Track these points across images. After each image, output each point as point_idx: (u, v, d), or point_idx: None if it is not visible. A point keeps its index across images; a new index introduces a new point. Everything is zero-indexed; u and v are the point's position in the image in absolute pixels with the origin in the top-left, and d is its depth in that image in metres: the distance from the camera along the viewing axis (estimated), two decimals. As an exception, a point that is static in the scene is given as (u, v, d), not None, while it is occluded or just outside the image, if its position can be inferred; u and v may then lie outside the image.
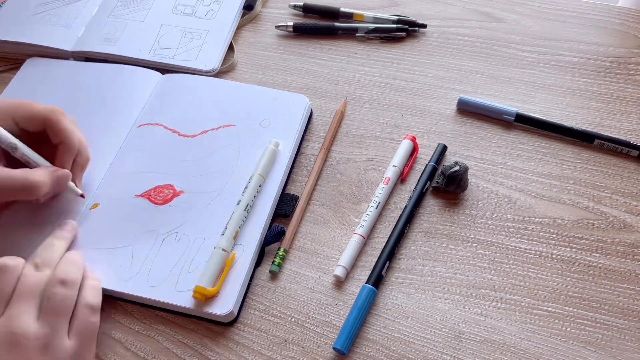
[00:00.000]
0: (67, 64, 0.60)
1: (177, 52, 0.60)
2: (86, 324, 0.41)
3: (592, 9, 0.64)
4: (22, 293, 0.39)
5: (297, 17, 0.66)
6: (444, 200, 0.50)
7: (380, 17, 0.63)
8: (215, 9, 0.64)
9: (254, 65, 0.61)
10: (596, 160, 0.52)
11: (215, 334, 0.44)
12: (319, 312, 0.45)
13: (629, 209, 0.49)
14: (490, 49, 0.61)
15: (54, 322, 0.39)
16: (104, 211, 0.49)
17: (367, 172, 0.52)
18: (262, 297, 0.46)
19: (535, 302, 0.44)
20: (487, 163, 0.52)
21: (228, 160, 0.51)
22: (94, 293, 0.43)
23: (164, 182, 0.50)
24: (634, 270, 0.46)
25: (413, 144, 0.53)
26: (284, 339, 0.44)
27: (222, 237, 0.46)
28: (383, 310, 0.44)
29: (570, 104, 0.56)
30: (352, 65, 0.60)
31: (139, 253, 0.46)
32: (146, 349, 0.43)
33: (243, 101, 0.55)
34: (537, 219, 0.49)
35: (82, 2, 0.65)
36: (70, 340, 0.40)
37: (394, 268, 0.47)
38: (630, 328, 0.43)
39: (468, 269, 0.46)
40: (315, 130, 0.56)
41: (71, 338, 0.40)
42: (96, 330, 0.42)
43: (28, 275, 0.40)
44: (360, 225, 0.48)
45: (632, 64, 0.59)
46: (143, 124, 0.55)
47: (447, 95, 0.57)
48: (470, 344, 0.43)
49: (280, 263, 0.47)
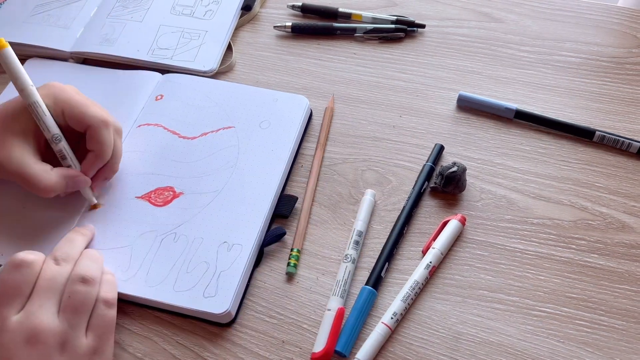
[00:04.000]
0: (67, 65, 0.60)
1: (175, 53, 0.60)
2: (103, 319, 0.41)
3: (591, 9, 0.64)
4: (42, 288, 0.40)
5: (296, 18, 0.66)
6: (442, 201, 0.50)
7: (379, 18, 0.63)
8: (213, 10, 0.64)
9: (253, 66, 0.61)
10: (595, 161, 0.52)
11: (213, 335, 0.44)
12: (317, 313, 0.45)
13: (628, 210, 0.49)
14: (488, 49, 0.61)
15: (73, 319, 0.39)
16: (104, 211, 0.49)
17: (364, 172, 0.52)
18: (259, 298, 0.46)
19: (534, 303, 0.44)
20: (485, 163, 0.52)
21: (228, 162, 0.51)
22: (110, 288, 0.43)
23: (164, 184, 0.50)
24: (632, 271, 0.46)
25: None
26: (282, 340, 0.44)
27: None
28: (382, 312, 0.44)
29: (568, 104, 0.56)
30: (351, 66, 0.60)
31: (138, 253, 0.46)
32: (144, 350, 0.43)
33: (243, 102, 0.55)
34: (535, 220, 0.49)
35: (80, 3, 0.65)
36: (88, 337, 0.40)
37: (392, 269, 0.46)
38: (628, 329, 0.43)
39: (466, 269, 0.46)
40: (314, 131, 0.56)
41: (89, 335, 0.40)
42: (113, 324, 0.42)
43: (48, 270, 0.41)
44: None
45: (631, 64, 0.59)
46: (143, 124, 0.55)
47: (446, 96, 0.57)
48: (468, 345, 0.43)
49: (296, 264, 0.47)
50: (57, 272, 0.41)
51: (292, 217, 0.50)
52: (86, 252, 0.44)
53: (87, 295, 0.41)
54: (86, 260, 0.43)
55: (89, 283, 0.41)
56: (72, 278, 0.41)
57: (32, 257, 0.41)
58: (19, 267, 0.40)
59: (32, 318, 0.38)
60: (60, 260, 0.42)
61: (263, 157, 0.51)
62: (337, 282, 0.45)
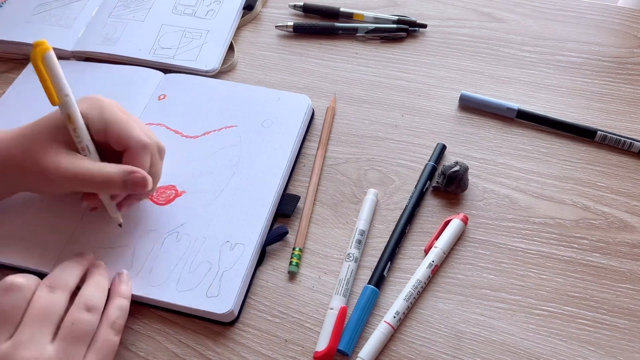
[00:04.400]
0: (70, 64, 0.60)
1: (177, 52, 0.60)
2: (107, 344, 0.40)
3: (592, 9, 0.64)
4: (34, 317, 0.37)
5: (297, 17, 0.66)
6: (444, 200, 0.50)
7: (381, 17, 0.63)
8: (215, 9, 0.64)
9: (254, 65, 0.61)
10: (597, 160, 0.52)
11: (216, 334, 0.44)
12: (320, 312, 0.45)
13: (630, 209, 0.49)
14: (490, 49, 0.61)
15: (71, 348, 0.37)
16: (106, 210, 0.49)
17: (367, 172, 0.52)
18: (262, 297, 0.46)
19: (536, 302, 0.44)
20: (488, 163, 0.52)
21: (230, 161, 0.51)
22: (120, 314, 0.41)
23: (167, 183, 0.50)
24: (634, 270, 0.46)
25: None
26: (285, 339, 0.44)
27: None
28: (384, 311, 0.44)
29: (570, 104, 0.56)
30: (352, 65, 0.60)
31: (140, 253, 0.46)
32: (146, 349, 0.43)
33: (245, 102, 0.56)
34: (537, 219, 0.49)
35: (82, 2, 0.65)
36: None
37: (395, 268, 0.47)
38: (630, 328, 0.43)
39: (468, 268, 0.46)
40: (316, 131, 0.56)
41: (88, 357, 0.38)
42: (115, 350, 0.40)
43: (42, 298, 0.38)
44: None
45: (632, 64, 0.59)
46: (145, 124, 0.55)
47: (447, 95, 0.57)
48: (470, 344, 0.43)
49: (298, 263, 0.47)
50: (51, 301, 0.38)
51: (295, 216, 0.50)
52: (93, 279, 0.42)
53: (89, 324, 0.39)
54: (92, 287, 0.41)
55: (93, 311, 0.40)
56: (77, 305, 0.39)
57: (22, 281, 0.38)
58: (8, 290, 0.38)
59: (21, 349, 0.36)
60: (55, 288, 0.40)
61: (265, 156, 0.51)
62: (340, 281, 0.45)
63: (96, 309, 0.40)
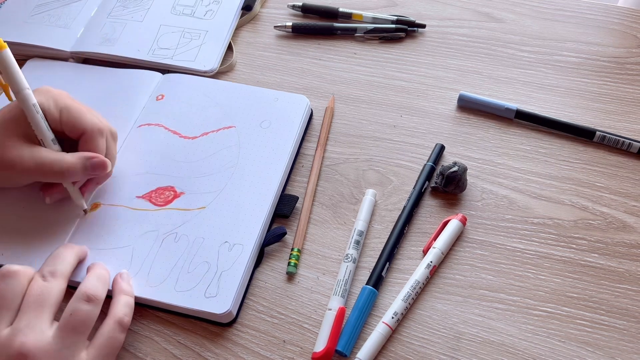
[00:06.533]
0: (68, 65, 0.60)
1: (176, 53, 0.60)
2: (111, 340, 0.40)
3: (592, 8, 0.64)
4: (30, 304, 0.38)
5: (296, 18, 0.66)
6: (442, 201, 0.50)
7: (379, 17, 0.63)
8: (214, 9, 0.64)
9: (253, 66, 0.61)
10: (595, 161, 0.52)
11: (214, 335, 0.44)
12: (318, 313, 0.45)
13: (628, 209, 0.49)
14: (489, 49, 0.61)
15: (69, 338, 0.38)
16: (105, 211, 0.49)
17: (365, 172, 0.52)
18: (260, 298, 0.46)
19: (534, 302, 0.44)
20: (486, 163, 0.52)
21: (228, 161, 0.51)
22: (127, 311, 0.42)
23: (165, 184, 0.50)
24: (632, 270, 0.46)
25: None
26: (283, 340, 0.44)
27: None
28: (383, 312, 0.44)
29: (569, 104, 0.56)
30: (351, 66, 0.60)
31: (139, 253, 0.46)
32: (144, 350, 0.43)
33: (243, 102, 0.55)
34: (536, 220, 0.49)
35: (81, 3, 0.65)
36: (88, 354, 0.39)
37: (393, 269, 0.47)
38: (629, 328, 0.43)
39: (467, 269, 0.46)
40: (314, 131, 0.56)
41: (91, 353, 0.39)
42: (119, 347, 0.41)
43: (36, 286, 0.39)
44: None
45: (631, 64, 0.59)
46: (143, 124, 0.55)
47: (446, 96, 0.57)
48: (469, 345, 0.43)
49: (297, 264, 0.47)
50: (45, 288, 0.39)
51: (293, 216, 0.50)
52: (94, 270, 0.43)
53: (89, 314, 0.39)
54: (93, 278, 0.42)
55: (93, 302, 0.40)
56: (77, 295, 0.40)
57: (17, 268, 0.39)
58: (5, 277, 0.39)
59: (20, 336, 0.37)
60: (47, 276, 0.40)
61: (264, 156, 0.51)
62: (338, 282, 0.45)
63: (96, 300, 0.40)
